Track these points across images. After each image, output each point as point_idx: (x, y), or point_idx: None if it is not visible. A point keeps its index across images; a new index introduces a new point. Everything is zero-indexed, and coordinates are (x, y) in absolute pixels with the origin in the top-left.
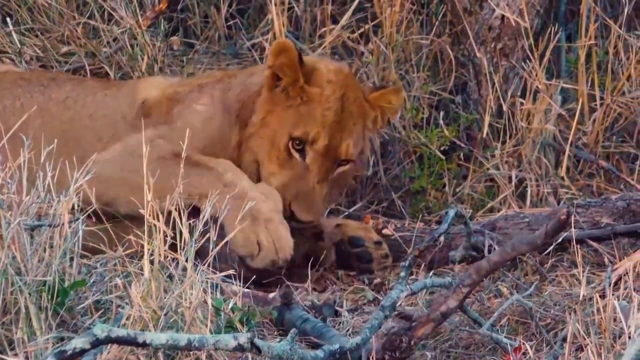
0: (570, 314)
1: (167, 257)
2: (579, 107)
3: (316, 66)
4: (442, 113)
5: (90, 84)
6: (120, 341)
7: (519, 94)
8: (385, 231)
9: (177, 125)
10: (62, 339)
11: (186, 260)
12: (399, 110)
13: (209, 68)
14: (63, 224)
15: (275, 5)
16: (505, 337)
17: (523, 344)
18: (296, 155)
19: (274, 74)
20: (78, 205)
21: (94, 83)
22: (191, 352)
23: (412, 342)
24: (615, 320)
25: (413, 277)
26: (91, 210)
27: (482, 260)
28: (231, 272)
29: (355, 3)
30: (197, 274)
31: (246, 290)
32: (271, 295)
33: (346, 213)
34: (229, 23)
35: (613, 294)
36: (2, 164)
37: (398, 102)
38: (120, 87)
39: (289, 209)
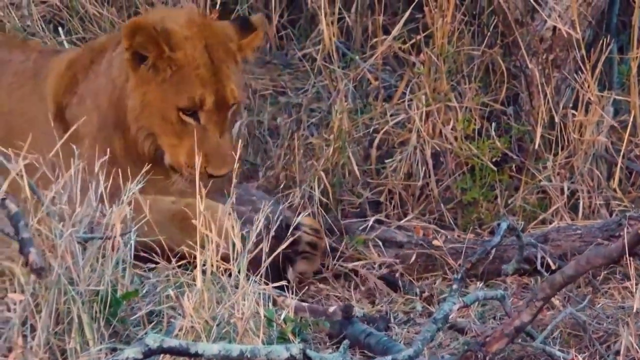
0: (623, 326)
1: (220, 267)
2: (631, 118)
3: (168, 28)
4: (493, 124)
5: None
6: (173, 351)
7: (570, 105)
8: (435, 242)
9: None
10: (114, 350)
11: (238, 272)
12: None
13: (260, 78)
14: (115, 237)
15: (326, 15)
16: (558, 349)
17: (576, 356)
18: (190, 120)
19: (135, 54)
20: (130, 216)
21: None
22: None
23: (487, 358)
24: None
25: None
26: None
27: (555, 274)
28: (284, 282)
29: (407, 14)
30: (250, 285)
31: (304, 304)
32: (331, 309)
33: (397, 225)
34: (280, 33)
35: None
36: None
37: (260, 43)
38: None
39: (205, 171)
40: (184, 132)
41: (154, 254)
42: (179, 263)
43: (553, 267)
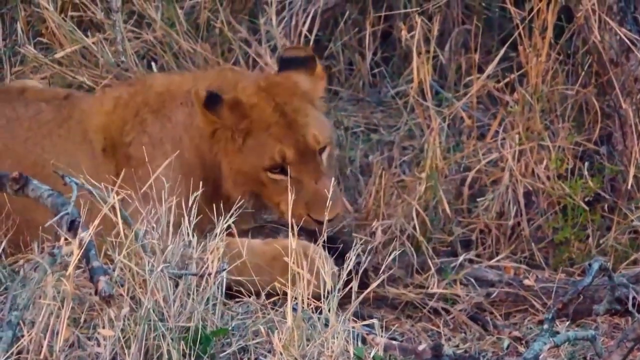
0: None
1: (310, 304)
2: None
3: (238, 99)
4: (586, 164)
5: None
6: None
7: None
8: (526, 282)
9: None
10: None
11: (329, 311)
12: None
13: (353, 116)
14: (210, 274)
15: (420, 53)
16: None
17: None
18: (281, 177)
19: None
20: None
21: None
22: None
23: None
24: None
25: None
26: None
27: None
28: (374, 320)
29: (501, 52)
30: (340, 323)
31: (393, 342)
32: (421, 347)
33: (488, 264)
34: (373, 71)
35: None
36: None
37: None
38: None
39: (311, 219)
40: (280, 188)
41: (243, 291)
42: (271, 300)
43: None
